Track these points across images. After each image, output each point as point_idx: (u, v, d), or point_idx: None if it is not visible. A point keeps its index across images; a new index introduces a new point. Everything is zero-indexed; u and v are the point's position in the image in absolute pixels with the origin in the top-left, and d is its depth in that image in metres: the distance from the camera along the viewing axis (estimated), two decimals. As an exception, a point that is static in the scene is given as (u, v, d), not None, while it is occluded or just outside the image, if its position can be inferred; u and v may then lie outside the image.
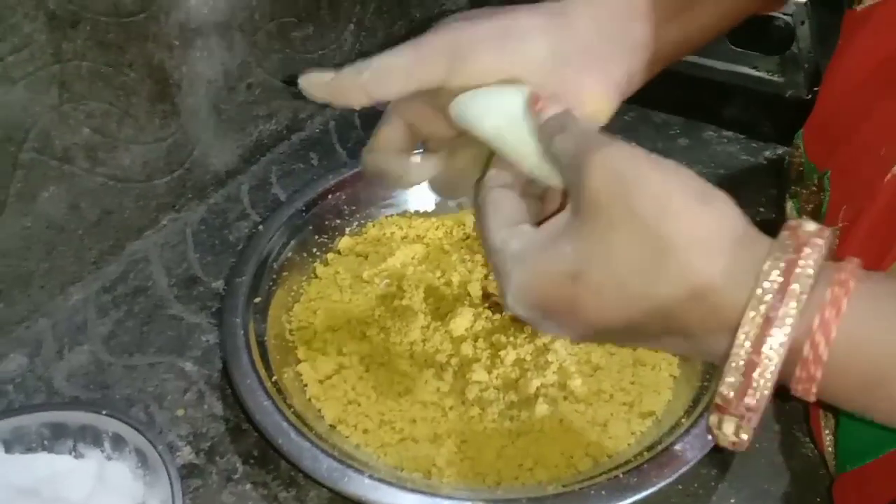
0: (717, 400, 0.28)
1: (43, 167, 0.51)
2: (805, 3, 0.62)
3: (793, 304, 0.26)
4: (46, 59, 0.49)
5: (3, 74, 0.47)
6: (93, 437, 0.45)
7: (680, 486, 0.45)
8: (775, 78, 0.67)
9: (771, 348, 0.26)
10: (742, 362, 0.27)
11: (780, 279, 0.26)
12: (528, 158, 0.33)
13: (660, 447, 0.42)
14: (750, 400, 0.27)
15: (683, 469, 0.41)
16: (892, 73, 0.40)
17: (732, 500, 0.45)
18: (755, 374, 0.26)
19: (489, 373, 0.48)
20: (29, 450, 0.45)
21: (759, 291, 0.26)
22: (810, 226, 0.27)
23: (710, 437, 0.41)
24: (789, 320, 0.26)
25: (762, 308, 0.26)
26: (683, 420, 0.45)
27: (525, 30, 0.35)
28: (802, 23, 0.62)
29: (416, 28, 0.80)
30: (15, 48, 0.47)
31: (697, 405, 0.45)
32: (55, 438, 0.45)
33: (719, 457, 0.46)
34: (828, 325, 0.26)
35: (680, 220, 0.27)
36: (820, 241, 0.27)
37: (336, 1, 0.70)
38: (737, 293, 0.27)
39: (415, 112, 0.37)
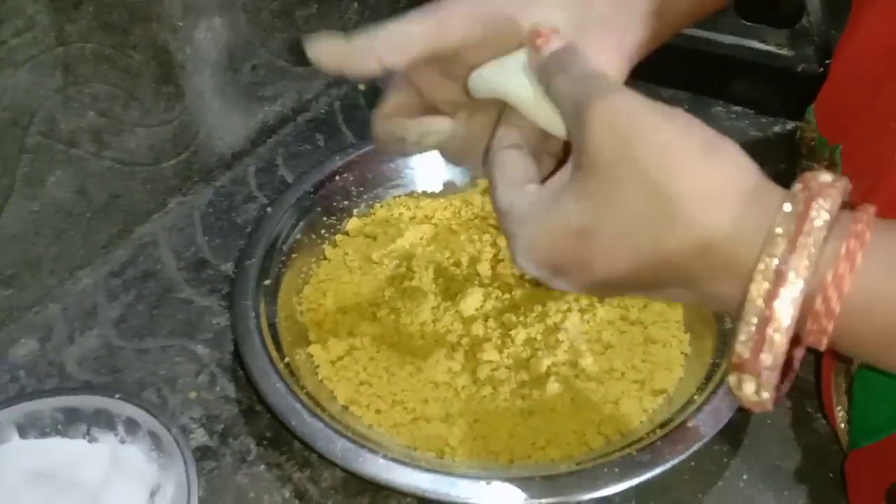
0: (734, 358, 0.27)
1: (49, 151, 0.51)
2: (815, -24, 0.61)
3: (804, 257, 0.25)
4: (50, 42, 0.49)
5: (7, 58, 0.47)
6: (106, 421, 0.45)
7: (692, 463, 0.45)
8: (785, 52, 0.66)
9: (783, 303, 0.25)
10: (755, 318, 0.26)
11: (792, 231, 0.25)
12: (543, 112, 0.33)
13: (672, 424, 0.43)
14: (766, 357, 0.26)
15: (696, 446, 0.41)
16: None
17: (745, 477, 0.45)
18: (769, 330, 0.26)
19: (500, 352, 0.48)
20: (43, 434, 0.45)
21: (769, 245, 0.25)
22: (825, 176, 0.26)
23: (728, 405, 0.42)
24: (802, 274, 0.25)
25: (773, 262, 0.25)
26: (696, 397, 0.44)
27: (543, 1, 0.35)
28: (813, -5, 0.62)
29: (421, 2, 0.79)
30: (18, 31, 0.47)
31: (709, 382, 0.45)
32: (69, 423, 0.45)
33: (731, 433, 0.46)
34: (841, 279, 0.25)
35: (685, 173, 0.26)
36: (834, 191, 0.26)
37: (340, -21, 0.69)
38: (747, 246, 0.26)
39: (426, 78, 0.36)
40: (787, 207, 0.26)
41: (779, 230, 0.26)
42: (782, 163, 0.63)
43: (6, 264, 0.51)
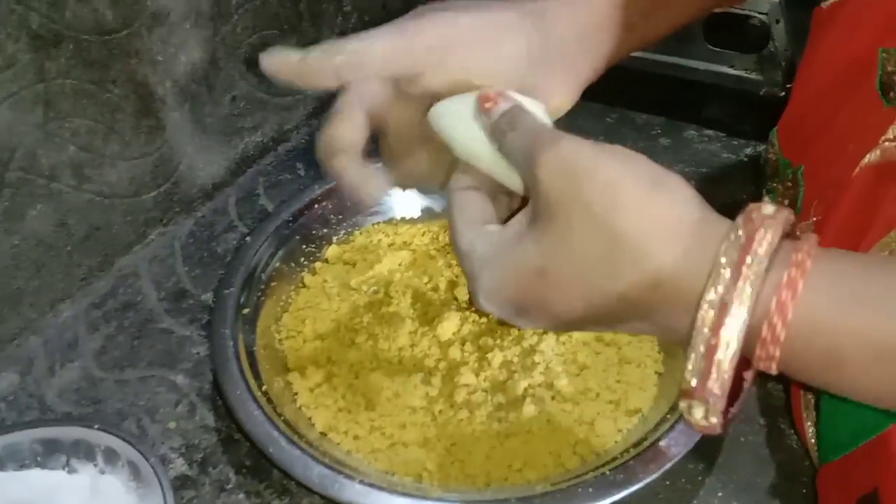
0: (683, 385, 0.28)
1: (30, 185, 0.52)
2: (779, 2, 0.63)
3: (748, 286, 0.26)
4: (30, 79, 0.50)
5: (-12, 95, 0.48)
6: (86, 452, 0.45)
7: (667, 482, 0.45)
8: (753, 76, 0.67)
9: (729, 331, 0.26)
10: (702, 347, 0.27)
11: (735, 261, 0.26)
12: (500, 168, 0.34)
13: (646, 443, 0.43)
14: (713, 385, 0.27)
15: (669, 464, 0.42)
16: (858, 71, 0.41)
17: (720, 494, 0.46)
18: (716, 358, 0.27)
19: (477, 375, 0.48)
20: (22, 466, 0.45)
21: (714, 276, 0.26)
22: (768, 208, 0.27)
23: (699, 435, 0.43)
24: (745, 303, 0.26)
25: (718, 291, 0.26)
26: (669, 416, 0.45)
27: (506, 28, 0.36)
28: (777, 21, 0.63)
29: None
30: (-1, 69, 0.48)
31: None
32: (48, 454, 0.45)
33: (706, 451, 0.47)
34: (784, 306, 0.26)
35: (630, 209, 0.27)
36: (775, 223, 0.27)
37: (317, 13, 0.70)
38: (693, 278, 0.27)
39: (377, 97, 0.36)
40: (731, 238, 0.27)
41: (723, 260, 0.27)
42: (752, 184, 0.64)
43: (-14, 298, 0.52)
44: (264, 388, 0.47)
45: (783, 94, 0.65)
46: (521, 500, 0.41)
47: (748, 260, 0.26)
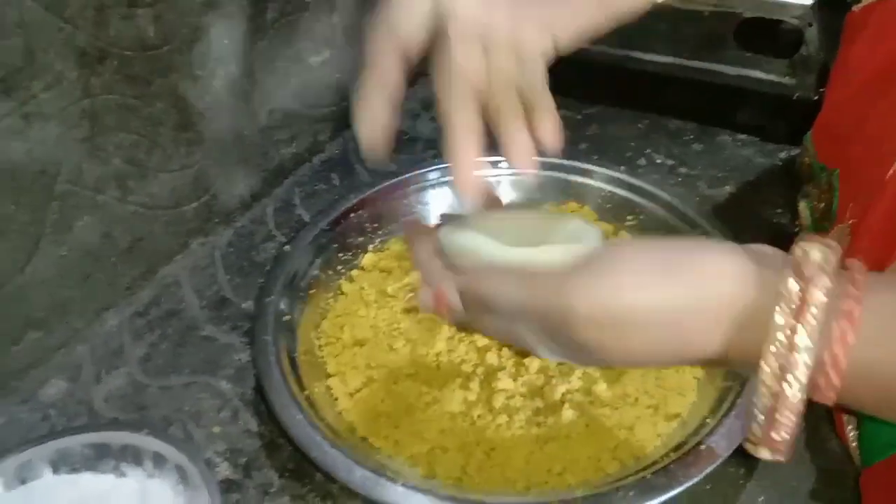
0: (749, 436, 0.30)
1: (76, 198, 0.53)
2: (812, 5, 0.63)
3: (804, 356, 0.27)
4: (77, 95, 0.51)
5: (37, 111, 0.49)
6: (134, 456, 0.46)
7: (708, 486, 0.45)
8: (786, 80, 0.67)
9: (789, 394, 0.28)
10: (765, 407, 0.28)
11: (789, 332, 0.27)
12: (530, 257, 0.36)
13: (686, 447, 0.43)
14: (776, 436, 0.29)
15: (710, 468, 0.42)
16: (891, 73, 0.41)
17: (761, 499, 0.45)
18: (778, 417, 0.28)
19: (514, 380, 0.49)
20: (73, 470, 0.46)
21: (771, 348, 0.28)
22: (815, 253, 0.28)
23: (741, 426, 0.43)
24: (802, 373, 0.27)
25: (776, 362, 0.28)
26: (709, 420, 0.45)
27: None
28: (810, 25, 0.63)
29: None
30: (47, 86, 0.49)
31: (722, 405, 0.46)
32: (98, 458, 0.46)
33: (747, 456, 0.46)
34: (837, 359, 0.27)
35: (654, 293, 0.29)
36: (825, 278, 0.27)
37: (350, 26, 0.71)
38: (749, 352, 0.29)
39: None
40: (784, 308, 0.28)
41: (778, 333, 0.27)
42: (786, 188, 0.64)
43: (36, 308, 0.53)
44: (306, 392, 0.48)
45: (816, 97, 0.65)
46: (562, 503, 0.41)
47: (802, 329, 0.27)
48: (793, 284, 0.27)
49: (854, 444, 0.43)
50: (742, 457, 0.45)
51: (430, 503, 0.41)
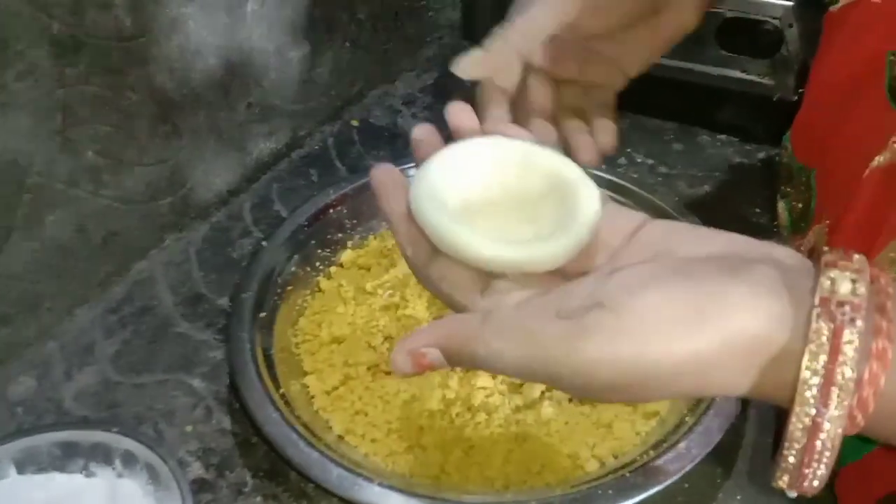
0: (779, 482, 0.28)
1: (49, 191, 0.52)
2: (792, 6, 0.63)
3: (835, 409, 0.26)
4: (50, 85, 0.50)
5: (9, 101, 0.48)
6: (104, 456, 0.45)
7: (686, 485, 0.45)
8: (766, 81, 0.67)
9: (820, 448, 0.26)
10: (797, 452, 0.27)
11: (820, 380, 0.26)
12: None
13: (664, 446, 0.43)
14: (808, 486, 0.27)
15: (689, 467, 0.42)
16: (868, 74, 0.41)
17: (738, 497, 0.45)
18: (806, 471, 0.27)
19: (494, 378, 0.48)
20: (40, 470, 0.45)
21: (802, 396, 0.26)
22: (845, 285, 0.26)
23: (718, 425, 0.43)
24: (835, 424, 0.26)
25: (807, 418, 0.26)
26: (687, 419, 0.45)
27: None
28: (790, 25, 0.64)
29: (411, 42, 0.82)
30: (19, 75, 0.48)
31: (700, 403, 0.46)
32: (66, 458, 0.45)
33: (724, 455, 0.46)
34: (866, 403, 0.26)
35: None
36: (857, 318, 0.26)
37: (331, 20, 0.71)
38: (778, 391, 0.27)
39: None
40: (813, 362, 0.26)
41: (809, 387, 0.26)
42: (766, 188, 0.64)
43: (5, 303, 0.52)
44: (281, 391, 0.47)
45: (796, 98, 0.65)
46: (540, 502, 0.41)
47: (835, 381, 0.26)
48: (823, 328, 0.26)
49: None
50: (719, 456, 0.45)
51: (407, 503, 0.41)
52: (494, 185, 0.33)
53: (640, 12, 0.43)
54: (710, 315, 0.26)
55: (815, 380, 0.26)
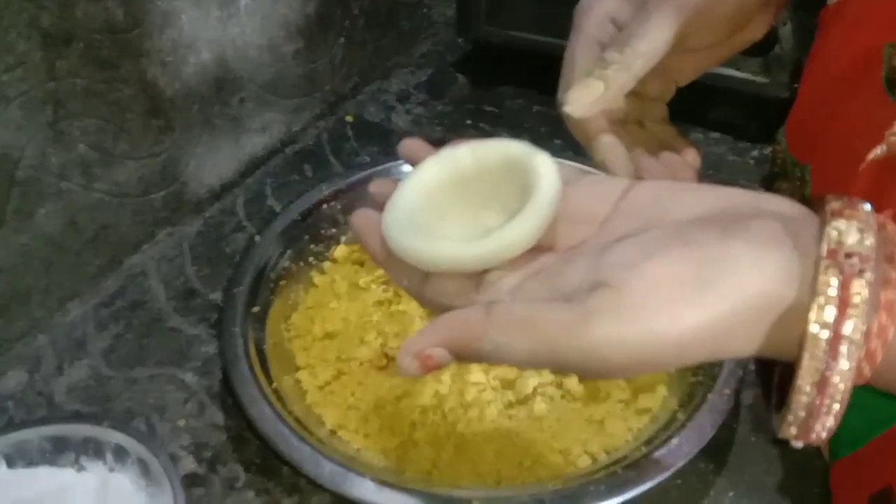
0: (783, 433, 0.27)
1: (39, 184, 0.52)
2: (787, 4, 0.63)
3: (844, 362, 0.25)
4: (41, 77, 0.50)
5: (-1, 93, 0.48)
6: (95, 450, 0.45)
7: (678, 481, 0.45)
8: (759, 79, 0.67)
9: (829, 402, 0.26)
10: (804, 405, 0.26)
11: (830, 335, 0.25)
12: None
13: (656, 442, 0.43)
14: (815, 438, 0.27)
15: (680, 464, 0.42)
16: (864, 66, 0.41)
17: (731, 494, 0.45)
18: (818, 416, 0.26)
19: (486, 374, 0.48)
20: (31, 464, 0.45)
21: (809, 357, 0.25)
22: (852, 235, 0.25)
23: (711, 422, 0.43)
24: (844, 377, 0.25)
25: (816, 373, 0.25)
26: (679, 415, 0.45)
27: None
28: (784, 23, 0.64)
29: (405, 38, 0.81)
30: (9, 67, 0.48)
31: (692, 400, 0.46)
32: (57, 452, 0.45)
33: (716, 451, 0.46)
34: (874, 354, 0.26)
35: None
36: (866, 269, 0.25)
37: (326, 16, 0.71)
38: (787, 346, 0.26)
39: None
40: (821, 316, 0.25)
41: (818, 345, 0.25)
42: (760, 186, 0.64)
43: (-4, 296, 0.52)
44: (274, 385, 0.47)
45: (789, 96, 0.66)
46: (532, 497, 0.41)
47: (842, 340, 0.25)
48: (831, 280, 0.25)
49: (824, 438, 0.43)
50: (711, 452, 0.46)
51: (399, 498, 0.41)
52: (456, 191, 0.34)
53: (732, 30, 0.41)
54: (716, 280, 0.26)
55: (825, 333, 0.25)
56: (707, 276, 0.26)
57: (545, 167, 0.32)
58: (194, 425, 0.49)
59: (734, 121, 0.71)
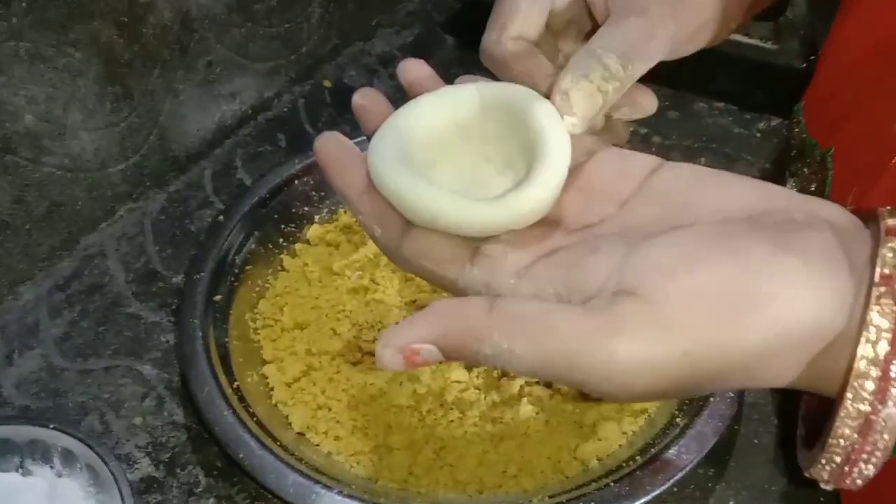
0: (815, 476, 0.25)
1: (-19, 159, 0.47)
2: (801, -36, 0.58)
3: (894, 406, 0.22)
4: (-23, 41, 0.45)
5: (-72, 58, 0.43)
6: (42, 453, 0.42)
7: (675, 489, 0.42)
8: (769, 46, 0.63)
9: (871, 449, 0.23)
10: (843, 449, 0.23)
11: (879, 377, 0.22)
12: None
13: (653, 450, 0.40)
14: (850, 483, 0.24)
15: (678, 475, 0.39)
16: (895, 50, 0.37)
17: (731, 502, 0.42)
18: (851, 470, 0.24)
19: (469, 371, 0.44)
20: (-28, 468, 0.41)
21: (852, 396, 0.22)
22: None
23: (712, 428, 0.40)
24: (891, 422, 0.22)
25: (859, 414, 0.22)
26: (679, 419, 0.42)
27: None
28: (797, -14, 0.59)
29: (389, -2, 0.76)
30: (-61, 29, 0.43)
31: (691, 402, 0.42)
32: (1, 455, 0.42)
33: (716, 455, 0.43)
34: None
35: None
36: None
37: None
38: (829, 381, 0.23)
39: None
40: (868, 368, 0.22)
41: (863, 392, 0.22)
42: (767, 160, 0.60)
43: (-64, 281, 0.48)
44: (236, 384, 0.43)
45: (804, 65, 0.61)
46: (516, 512, 0.37)
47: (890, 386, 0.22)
48: (886, 311, 0.22)
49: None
50: (711, 456, 0.42)
51: (370, 511, 0.37)
52: (455, 136, 0.30)
53: (728, 32, 0.39)
54: (763, 300, 0.22)
55: (874, 371, 0.22)
56: (755, 294, 0.22)
57: (557, 126, 0.28)
58: (152, 423, 0.46)
59: (740, 90, 0.66)
